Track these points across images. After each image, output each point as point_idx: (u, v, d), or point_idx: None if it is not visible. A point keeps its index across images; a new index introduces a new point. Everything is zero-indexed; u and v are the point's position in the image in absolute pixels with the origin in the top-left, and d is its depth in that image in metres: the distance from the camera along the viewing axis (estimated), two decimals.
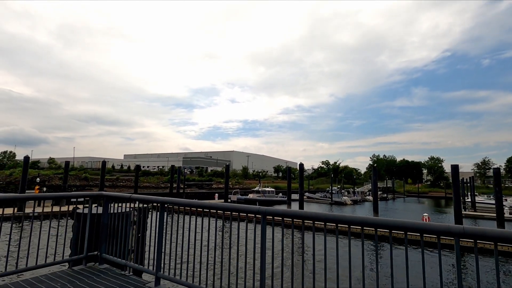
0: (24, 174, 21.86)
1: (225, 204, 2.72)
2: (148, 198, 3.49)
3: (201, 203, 2.95)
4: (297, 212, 2.56)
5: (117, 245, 4.00)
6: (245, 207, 2.65)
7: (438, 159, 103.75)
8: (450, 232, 1.91)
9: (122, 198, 3.95)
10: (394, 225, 2.06)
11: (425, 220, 20.41)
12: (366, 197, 58.33)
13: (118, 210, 4.16)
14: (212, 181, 73.66)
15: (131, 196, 3.63)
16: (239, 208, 2.68)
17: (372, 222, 2.23)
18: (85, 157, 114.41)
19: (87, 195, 4.59)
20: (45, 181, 56.29)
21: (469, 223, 27.66)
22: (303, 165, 24.56)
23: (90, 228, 4.21)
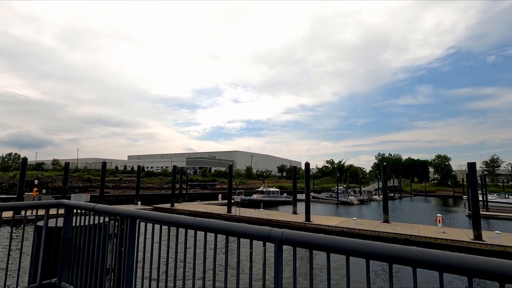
0: (22, 176, 21.28)
1: (220, 224, 1.85)
2: (115, 211, 2.62)
3: (185, 221, 2.09)
4: (331, 242, 1.69)
5: (87, 267, 3.14)
6: (249, 230, 1.74)
7: (445, 157, 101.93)
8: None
9: (85, 208, 3.11)
10: None
11: (438, 221, 19.45)
12: (372, 196, 57.17)
13: (91, 221, 3.31)
14: (215, 181, 72.99)
15: (94, 206, 2.78)
16: (239, 230, 1.79)
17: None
18: (89, 158, 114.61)
19: (43, 205, 3.74)
20: (48, 183, 56.08)
21: (483, 224, 26.53)
22: (309, 164, 23.69)
23: (46, 247, 3.34)
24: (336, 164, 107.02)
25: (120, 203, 31.68)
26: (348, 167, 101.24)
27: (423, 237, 16.18)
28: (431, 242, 15.64)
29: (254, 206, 32.23)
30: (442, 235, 16.24)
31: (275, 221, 21.84)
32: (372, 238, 17.22)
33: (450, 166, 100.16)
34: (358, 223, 19.79)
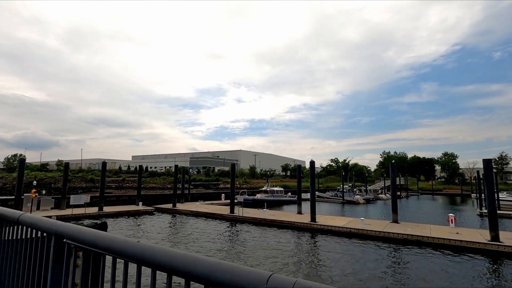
0: (20, 177, 20.83)
1: (184, 256, 0.96)
2: (43, 225, 1.68)
3: (126, 248, 1.18)
4: None
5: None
6: (234, 276, 0.83)
7: (452, 155, 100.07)
8: None
9: (7, 218, 2.07)
10: None
11: (451, 221, 18.56)
12: (379, 195, 56.12)
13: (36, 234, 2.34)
14: (219, 181, 72.45)
15: (19, 217, 1.87)
16: (212, 275, 0.85)
17: None
18: (93, 159, 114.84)
19: None
20: (51, 183, 56.05)
21: None
22: (314, 162, 22.91)
23: None
24: (340, 162, 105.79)
25: (121, 204, 31.18)
26: (353, 166, 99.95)
27: (435, 238, 15.33)
28: (445, 244, 14.78)
29: (258, 206, 31.53)
30: (456, 236, 15.38)
31: (279, 221, 21.12)
32: (381, 239, 16.43)
33: (458, 164, 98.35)
34: (366, 223, 18.98)
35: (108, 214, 24.41)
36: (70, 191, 46.77)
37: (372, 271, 11.16)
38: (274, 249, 14.21)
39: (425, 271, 11.19)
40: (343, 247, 14.98)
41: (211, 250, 13.77)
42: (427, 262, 12.43)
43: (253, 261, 12.07)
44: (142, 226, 20.21)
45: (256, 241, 15.95)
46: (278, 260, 12.34)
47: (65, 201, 24.83)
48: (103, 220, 2.91)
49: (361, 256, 13.30)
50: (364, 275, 10.63)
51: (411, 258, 13.13)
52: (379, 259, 12.92)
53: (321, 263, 12.09)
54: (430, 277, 10.54)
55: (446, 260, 12.79)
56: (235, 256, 12.97)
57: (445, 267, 11.73)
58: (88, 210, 24.15)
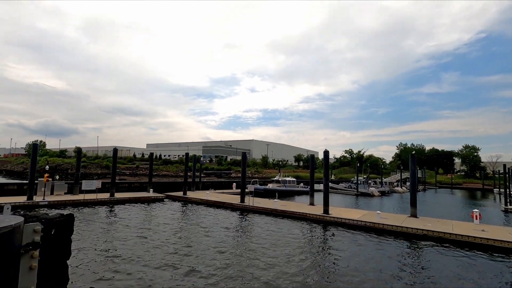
0: (33, 162, 21.00)
1: None
2: None
3: None
4: None
5: None
6: None
7: (473, 148, 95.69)
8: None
9: None
10: None
11: (475, 217, 17.29)
12: (394, 188, 54.44)
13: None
14: (231, 170, 72.42)
15: None
16: None
17: None
18: (109, 146, 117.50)
19: None
20: (68, 169, 57.58)
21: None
22: (329, 152, 21.90)
23: None
24: (355, 154, 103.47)
25: (133, 191, 31.38)
26: (368, 157, 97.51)
27: (459, 235, 14.23)
28: (469, 242, 13.68)
29: (269, 196, 30.98)
30: (481, 234, 14.23)
31: (290, 212, 20.46)
32: (399, 235, 15.48)
33: (479, 157, 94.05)
34: (383, 217, 18.01)
35: (119, 200, 24.49)
36: (86, 177, 47.75)
37: (390, 269, 10.33)
38: (283, 241, 13.59)
39: (450, 272, 10.26)
40: (357, 241, 14.16)
41: (218, 239, 13.30)
42: (451, 262, 11.45)
43: (260, 253, 11.48)
44: (151, 213, 20.06)
45: (266, 232, 15.37)
46: (287, 252, 11.70)
47: (78, 187, 25.09)
48: (69, 213, 2.60)
49: (377, 252, 12.46)
50: (381, 274, 9.82)
51: (433, 256, 12.17)
52: (397, 255, 12.05)
53: (333, 259, 11.36)
54: (455, 279, 9.61)
55: (472, 259, 11.76)
56: (242, 247, 12.43)
57: (472, 268, 10.74)
58: (100, 196, 24.30)
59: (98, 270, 9.20)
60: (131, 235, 13.85)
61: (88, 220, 17.04)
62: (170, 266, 9.84)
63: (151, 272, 9.21)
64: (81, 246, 11.72)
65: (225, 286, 8.32)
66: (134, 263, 9.97)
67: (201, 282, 8.51)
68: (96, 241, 12.51)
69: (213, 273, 9.23)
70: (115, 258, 10.47)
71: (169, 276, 8.90)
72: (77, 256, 10.48)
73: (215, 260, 10.53)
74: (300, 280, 8.98)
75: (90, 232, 14.04)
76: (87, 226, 15.45)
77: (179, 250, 11.64)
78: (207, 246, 12.32)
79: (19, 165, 71.27)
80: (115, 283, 8.27)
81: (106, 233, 14.13)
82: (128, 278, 8.69)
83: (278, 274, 9.33)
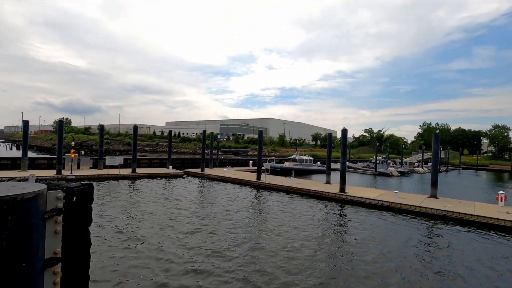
0: (60, 137, 22.09)
1: None
2: None
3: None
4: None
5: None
6: None
7: (504, 128, 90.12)
8: None
9: None
10: None
11: (501, 199, 16.63)
12: (415, 168, 53.05)
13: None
14: (248, 148, 72.97)
15: None
16: None
17: None
18: (130, 124, 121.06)
19: None
20: (92, 146, 60.23)
21: None
22: (347, 130, 21.41)
23: None
24: (375, 133, 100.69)
25: (153, 167, 32.51)
26: (388, 137, 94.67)
27: (481, 216, 13.80)
28: (492, 223, 13.26)
29: (286, 174, 31.16)
30: (506, 216, 13.72)
31: (306, 190, 20.55)
32: (418, 215, 15.25)
33: (510, 137, 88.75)
34: (401, 196, 17.71)
35: (141, 175, 25.52)
36: (109, 153, 49.86)
37: (406, 249, 10.29)
38: (298, 219, 13.76)
39: (468, 253, 10.08)
40: (373, 220, 14.11)
41: (233, 213, 13.69)
42: (470, 243, 11.22)
43: (274, 229, 11.73)
44: (171, 188, 20.82)
45: (280, 209, 15.61)
46: (300, 229, 11.88)
47: (102, 162, 26.29)
48: (89, 182, 2.69)
49: (394, 232, 12.39)
50: (396, 254, 9.81)
51: (452, 237, 11.95)
52: (414, 235, 11.94)
53: (347, 238, 11.43)
54: (476, 262, 9.44)
55: (494, 241, 11.45)
56: (257, 222, 12.73)
57: (492, 250, 10.48)
58: (123, 171, 25.40)
59: (118, 239, 9.79)
60: (153, 208, 14.51)
61: (112, 192, 17.98)
62: (186, 239, 10.28)
63: (169, 245, 9.68)
64: (105, 214, 12.45)
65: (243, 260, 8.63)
66: (150, 236, 10.50)
67: (220, 256, 8.88)
68: (119, 212, 13.23)
69: (229, 247, 9.57)
70: (135, 229, 11.07)
71: (188, 247, 9.33)
72: (100, 224, 11.16)
73: (232, 234, 10.89)
74: (312, 258, 9.15)
75: (111, 203, 14.84)
76: (111, 198, 16.32)
77: (196, 223, 12.11)
78: (223, 220, 12.72)
79: (48, 141, 75.29)
80: (137, 248, 8.80)
81: (128, 205, 14.88)
82: (149, 247, 9.20)
83: (291, 252, 9.54)
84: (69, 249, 2.73)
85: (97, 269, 7.39)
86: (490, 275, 8.30)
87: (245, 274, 7.56)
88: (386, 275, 7.93)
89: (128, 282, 6.91)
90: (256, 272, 7.72)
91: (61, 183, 2.80)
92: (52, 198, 2.58)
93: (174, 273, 7.43)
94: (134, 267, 7.69)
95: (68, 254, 2.56)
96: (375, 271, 8.11)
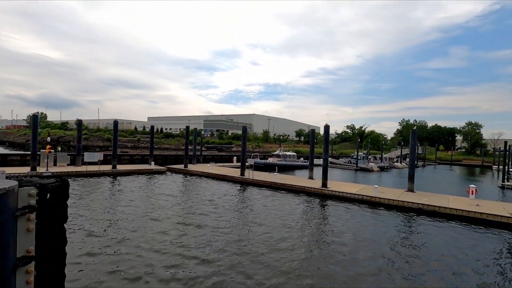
0: (34, 133, 21.10)
1: None
2: None
3: None
4: None
5: None
6: None
7: (476, 125, 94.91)
8: None
9: None
10: None
11: (471, 192, 17.57)
12: (394, 163, 54.88)
13: None
14: (232, 144, 72.74)
15: None
16: None
17: None
18: (110, 119, 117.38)
19: None
20: (70, 141, 57.97)
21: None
22: (329, 127, 21.81)
23: None
24: (356, 129, 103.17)
25: (135, 163, 31.79)
26: (369, 133, 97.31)
27: (453, 209, 14.54)
28: (463, 216, 14.02)
29: (269, 170, 31.37)
30: (476, 208, 14.53)
31: (289, 185, 20.82)
32: (395, 208, 15.84)
33: (481, 134, 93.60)
34: (380, 191, 18.32)
35: (122, 172, 24.90)
36: (88, 149, 48.20)
37: (382, 239, 10.69)
38: (281, 212, 13.95)
39: (439, 243, 10.62)
40: (353, 214, 14.53)
41: (216, 209, 13.68)
42: (442, 234, 11.82)
43: (257, 223, 11.84)
44: (153, 185, 20.47)
45: (264, 204, 15.75)
46: (283, 222, 12.06)
47: (80, 158, 25.38)
48: (64, 178, 2.55)
49: (372, 224, 12.84)
50: (372, 244, 10.18)
51: (425, 228, 12.54)
52: (390, 227, 12.42)
53: (327, 231, 11.73)
54: (443, 250, 9.96)
55: (464, 232, 12.13)
56: (240, 218, 12.80)
57: (461, 240, 11.10)
58: (102, 168, 24.67)
59: (98, 235, 9.56)
60: (133, 205, 14.23)
61: (91, 189, 17.44)
62: (169, 237, 10.19)
63: (153, 239, 9.56)
64: (83, 213, 12.09)
65: (227, 252, 8.67)
66: (132, 233, 10.33)
67: (203, 250, 8.87)
68: (98, 210, 12.88)
69: (213, 243, 9.58)
70: (115, 226, 10.84)
71: (169, 244, 9.25)
72: (77, 222, 10.84)
73: (216, 230, 10.89)
74: (292, 250, 9.34)
75: (92, 201, 14.42)
76: (89, 195, 15.84)
77: (180, 220, 12.01)
78: (207, 217, 12.69)
79: (21, 136, 71.71)
80: (116, 246, 8.63)
81: (108, 202, 14.51)
82: (129, 244, 9.05)
83: (274, 246, 9.68)
84: (43, 247, 2.66)
85: (74, 268, 7.20)
86: (457, 262, 8.80)
87: (228, 269, 7.61)
88: (363, 264, 8.23)
89: (107, 281, 6.78)
90: (240, 266, 7.78)
91: (33, 179, 2.71)
92: (24, 195, 2.49)
93: (155, 271, 7.36)
94: (114, 265, 7.55)
95: (42, 252, 2.49)
96: (352, 261, 8.39)
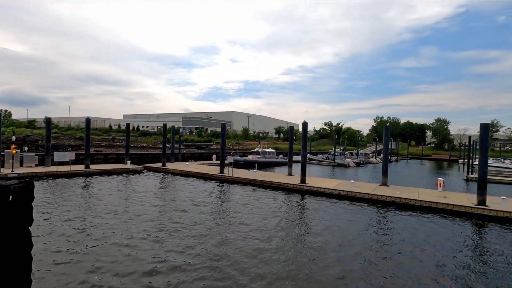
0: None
1: None
2: None
3: None
4: None
5: None
6: None
7: (444, 121, 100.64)
8: None
9: None
10: None
11: (439, 185, 18.65)
12: (369, 159, 56.90)
13: None
14: (211, 141, 72.06)
15: None
16: None
17: None
18: (83, 117, 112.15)
19: None
20: (38, 140, 54.72)
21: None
22: (307, 123, 22.22)
23: None
24: (334, 126, 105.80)
25: (110, 162, 30.67)
26: (346, 130, 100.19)
27: (423, 201, 15.38)
28: (431, 207, 14.87)
29: (249, 167, 31.46)
30: (443, 200, 15.45)
31: (268, 182, 21.01)
32: (370, 202, 16.48)
33: (448, 130, 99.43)
34: (356, 185, 18.97)
35: (95, 172, 23.93)
36: (58, 148, 45.70)
37: (356, 231, 11.10)
38: (261, 210, 14.07)
39: (409, 232, 11.22)
40: (330, 208, 14.95)
41: (196, 208, 13.55)
42: (412, 224, 12.47)
43: (236, 220, 11.88)
44: (129, 184, 19.87)
45: (244, 201, 15.80)
46: (263, 220, 12.18)
47: (50, 158, 24.09)
48: (29, 180, 2.42)
49: (348, 217, 13.29)
50: (347, 235, 10.55)
51: (397, 220, 13.17)
52: (364, 219, 12.93)
53: (306, 225, 12.00)
54: (410, 238, 10.53)
55: (431, 222, 12.86)
56: (221, 214, 12.77)
57: (428, 229, 11.77)
58: (74, 168, 23.58)
59: (68, 240, 9.17)
60: (109, 206, 13.75)
61: (61, 191, 16.63)
62: (147, 237, 9.98)
63: (130, 243, 9.31)
64: (50, 216, 11.53)
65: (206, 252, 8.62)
66: (108, 235, 10.00)
67: (181, 254, 8.76)
68: (69, 212, 12.33)
69: (192, 242, 9.49)
70: (88, 230, 10.44)
71: (148, 247, 9.06)
72: (46, 225, 10.33)
73: (195, 228, 10.79)
74: (271, 243, 9.47)
75: (62, 203, 13.77)
76: (59, 196, 15.10)
77: (157, 221, 11.77)
78: (185, 215, 12.53)
79: None
80: (90, 250, 8.32)
81: (80, 204, 13.92)
82: (103, 248, 8.76)
83: (253, 240, 9.76)
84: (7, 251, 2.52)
85: (41, 273, 6.86)
86: (425, 248, 9.34)
87: (209, 268, 7.58)
88: (340, 254, 8.52)
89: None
90: (221, 264, 7.78)
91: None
92: None
93: (132, 276, 7.19)
94: (85, 271, 7.28)
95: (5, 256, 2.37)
96: (329, 252, 8.66)
